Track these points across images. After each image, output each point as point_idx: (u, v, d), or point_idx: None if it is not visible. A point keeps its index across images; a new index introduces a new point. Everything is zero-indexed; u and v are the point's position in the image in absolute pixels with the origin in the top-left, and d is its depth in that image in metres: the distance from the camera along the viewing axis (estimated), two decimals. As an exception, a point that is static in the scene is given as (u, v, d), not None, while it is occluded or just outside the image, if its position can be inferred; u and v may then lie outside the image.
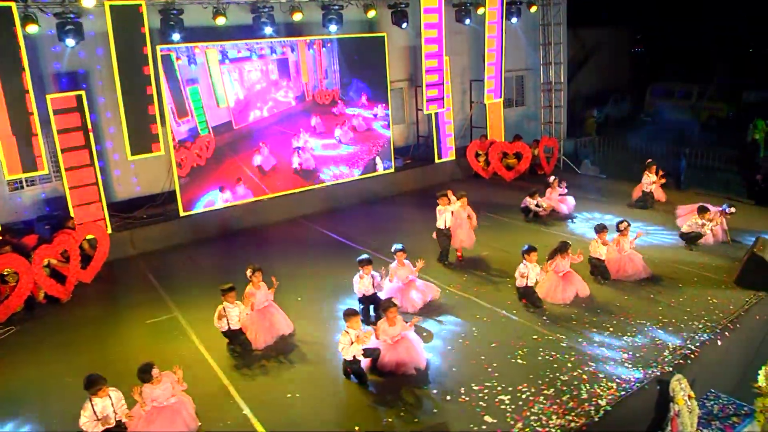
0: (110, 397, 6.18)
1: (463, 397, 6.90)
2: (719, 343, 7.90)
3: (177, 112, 12.48)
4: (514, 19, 16.61)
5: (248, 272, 8.24)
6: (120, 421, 6.31)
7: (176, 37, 11.85)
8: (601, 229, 9.83)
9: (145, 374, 6.38)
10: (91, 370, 6.45)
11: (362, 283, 8.65)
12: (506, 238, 11.91)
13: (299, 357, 8.03)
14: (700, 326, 8.19)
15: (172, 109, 12.39)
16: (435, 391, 7.07)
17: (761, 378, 7.29)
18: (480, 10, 15.74)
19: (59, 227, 10.74)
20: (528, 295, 9.07)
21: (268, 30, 13.10)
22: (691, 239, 10.86)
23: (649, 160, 13.60)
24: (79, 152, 11.33)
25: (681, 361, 7.41)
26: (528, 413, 6.53)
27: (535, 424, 6.33)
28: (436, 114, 16.10)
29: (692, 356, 7.51)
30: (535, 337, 8.16)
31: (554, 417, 6.45)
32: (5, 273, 9.45)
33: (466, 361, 7.66)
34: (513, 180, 15.99)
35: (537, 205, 12.58)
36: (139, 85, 11.27)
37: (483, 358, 7.69)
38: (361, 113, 15.38)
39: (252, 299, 8.15)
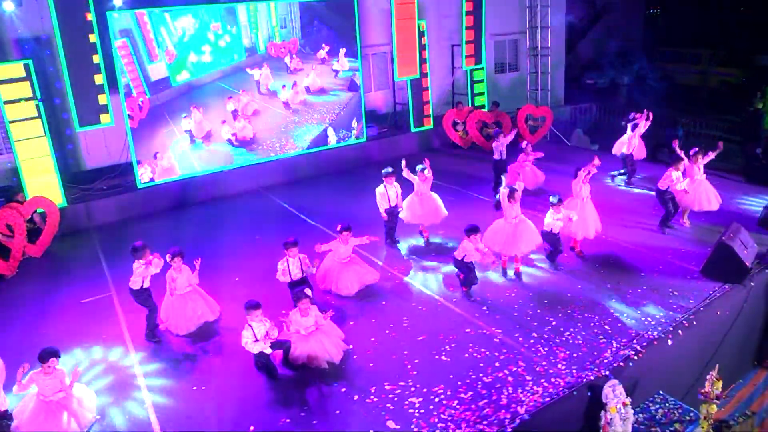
0: None
1: (372, 397, 6.26)
2: (670, 342, 7.07)
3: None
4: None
5: (167, 257, 7.61)
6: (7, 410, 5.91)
7: (117, 2, 10.98)
8: (557, 201, 8.75)
9: (41, 358, 5.92)
10: (14, 350, 6.39)
11: (292, 267, 7.94)
12: (471, 216, 11.03)
13: (216, 347, 7.46)
14: (653, 322, 7.35)
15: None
16: (344, 390, 6.44)
17: (707, 383, 6.53)
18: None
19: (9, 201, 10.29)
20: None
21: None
22: (664, 202, 9.74)
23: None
24: (29, 123, 10.71)
25: (621, 363, 6.62)
26: (436, 419, 5.87)
27: (438, 434, 5.68)
28: (413, 80, 15.06)
29: (635, 357, 6.71)
30: (468, 330, 7.41)
31: (464, 425, 5.78)
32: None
33: (387, 356, 6.98)
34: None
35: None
36: (83, 54, 10.52)
37: (406, 353, 7.00)
38: (320, 69, 14.31)
39: (172, 284, 7.56)
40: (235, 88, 13.27)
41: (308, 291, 6.95)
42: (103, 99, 10.84)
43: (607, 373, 6.42)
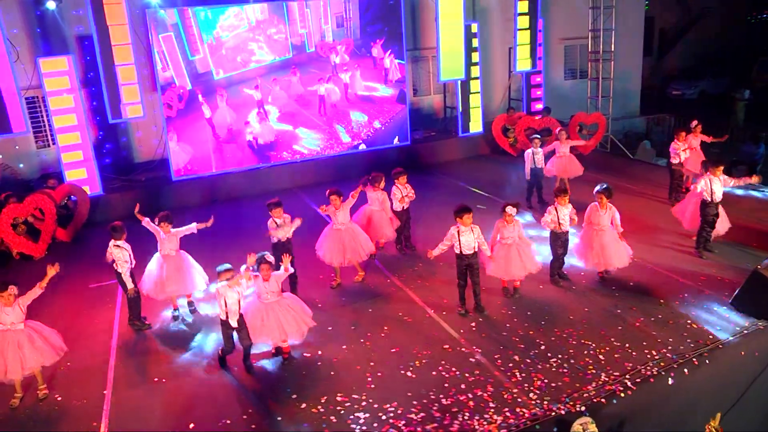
0: None
1: (320, 407, 5.91)
2: (671, 381, 6.17)
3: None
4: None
5: (156, 220, 7.78)
6: None
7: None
8: (561, 192, 7.98)
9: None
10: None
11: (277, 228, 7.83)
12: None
13: (188, 333, 7.45)
14: (657, 357, 6.46)
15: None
16: (294, 396, 6.13)
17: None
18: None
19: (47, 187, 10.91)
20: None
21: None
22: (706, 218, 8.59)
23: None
24: (69, 114, 11.32)
25: (602, 400, 5.84)
26: (375, 439, 5.44)
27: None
28: (463, 84, 14.51)
29: (622, 395, 5.90)
30: (446, 346, 6.86)
31: (403, 449, 5.31)
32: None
33: (352, 366, 6.59)
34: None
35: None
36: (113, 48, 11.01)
37: (372, 364, 6.58)
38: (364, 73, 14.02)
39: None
40: (273, 85, 13.35)
41: (286, 260, 6.74)
42: (131, 93, 11.24)
43: (583, 408, 5.68)
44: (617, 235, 7.96)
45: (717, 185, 8.45)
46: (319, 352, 6.91)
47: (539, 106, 15.78)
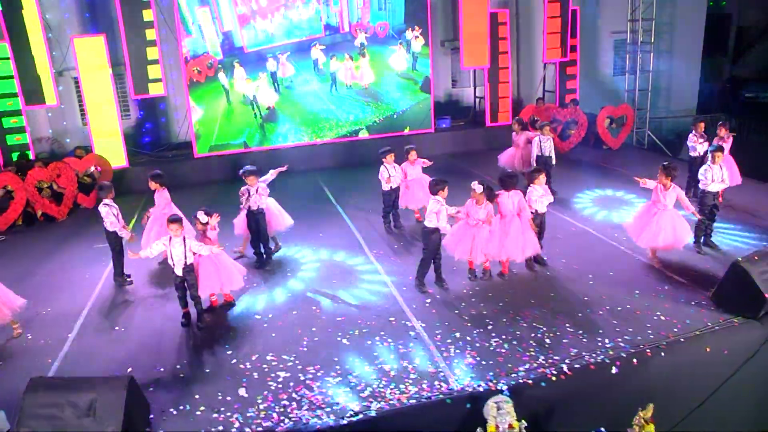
0: None
1: (247, 364, 6.02)
2: (614, 370, 5.76)
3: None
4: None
5: None
6: None
7: None
8: (537, 172, 7.72)
9: None
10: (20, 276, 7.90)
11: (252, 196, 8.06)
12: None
13: (163, 292, 7.74)
14: (609, 345, 6.05)
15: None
16: (229, 352, 6.27)
17: (635, 425, 5.22)
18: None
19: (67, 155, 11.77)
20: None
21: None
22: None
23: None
24: (100, 90, 12.08)
25: (530, 381, 5.54)
26: (285, 396, 5.41)
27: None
28: (492, 73, 14.18)
29: (554, 378, 5.58)
30: (392, 319, 6.77)
31: (305, 407, 5.25)
32: (8, 189, 10.59)
33: (294, 329, 6.64)
34: (568, 152, 13.46)
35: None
36: (140, 29, 11.62)
37: (314, 329, 6.63)
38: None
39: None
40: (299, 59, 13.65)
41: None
42: (154, 71, 11.84)
43: (504, 388, 5.42)
44: (677, 215, 7.60)
45: (717, 172, 7.83)
46: (270, 315, 7.03)
47: (576, 96, 15.11)
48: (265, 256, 8.40)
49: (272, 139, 13.82)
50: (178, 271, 6.75)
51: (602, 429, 5.62)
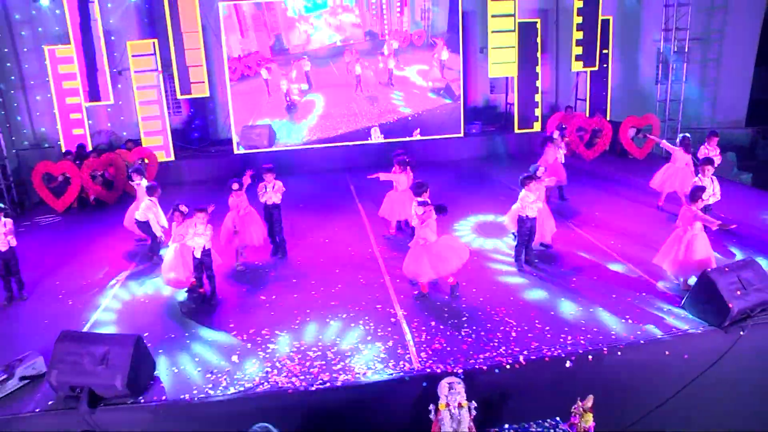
0: None
1: (243, 336, 7.04)
2: (569, 364, 6.38)
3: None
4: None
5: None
6: None
7: None
8: (529, 179, 8.29)
9: None
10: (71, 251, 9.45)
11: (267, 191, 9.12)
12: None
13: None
14: (570, 341, 6.66)
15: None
16: (231, 325, 7.33)
17: (575, 413, 5.84)
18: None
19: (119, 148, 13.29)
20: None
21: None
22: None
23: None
24: (150, 90, 13.52)
25: (484, 367, 6.25)
26: (269, 364, 6.39)
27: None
28: (521, 80, 14.78)
29: (508, 366, 6.27)
30: (378, 306, 7.63)
31: (284, 374, 6.20)
32: (66, 176, 12.14)
33: (291, 310, 7.65)
34: (593, 161, 13.83)
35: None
36: (186, 35, 13.01)
37: (308, 311, 7.60)
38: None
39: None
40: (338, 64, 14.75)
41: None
42: (197, 74, 13.16)
43: (460, 371, 6.16)
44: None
45: (708, 185, 8.24)
46: (273, 297, 8.04)
47: (605, 107, 15.43)
48: (278, 244, 9.39)
49: (300, 133, 14.93)
50: (197, 254, 7.84)
51: (558, 418, 6.31)
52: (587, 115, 14.85)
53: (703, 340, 6.77)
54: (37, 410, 5.86)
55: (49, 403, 5.92)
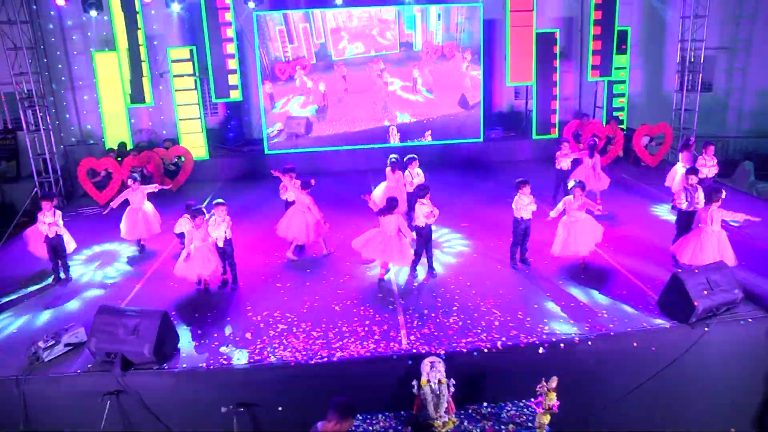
0: None
1: (258, 317, 8.11)
2: (541, 350, 7.21)
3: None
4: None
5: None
6: None
7: (252, 4, 14.47)
8: (523, 183, 9.07)
9: None
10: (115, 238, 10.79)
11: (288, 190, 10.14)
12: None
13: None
14: (545, 331, 7.50)
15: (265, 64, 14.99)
16: (248, 307, 8.41)
17: (541, 392, 6.65)
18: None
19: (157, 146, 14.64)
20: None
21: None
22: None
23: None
24: (188, 93, 14.82)
25: (464, 350, 7.15)
26: (278, 341, 7.43)
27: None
28: (539, 87, 15.56)
29: (485, 350, 7.14)
30: (380, 295, 8.63)
31: (288, 350, 7.23)
32: (108, 171, 13.50)
33: (303, 296, 8.68)
34: (605, 166, 14.41)
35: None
36: (222, 43, 14.23)
37: (317, 297, 8.61)
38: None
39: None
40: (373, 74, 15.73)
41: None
42: (233, 79, 14.37)
43: (442, 352, 7.06)
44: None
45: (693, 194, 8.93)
46: (288, 284, 9.10)
47: (623, 116, 16.04)
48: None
49: (328, 129, 16.00)
50: (220, 244, 8.94)
51: (532, 399, 7.14)
52: (604, 122, 15.47)
53: (670, 335, 7.52)
54: (79, 371, 7.04)
55: (89, 366, 7.08)
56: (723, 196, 8.51)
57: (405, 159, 11.09)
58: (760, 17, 17.79)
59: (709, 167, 10.71)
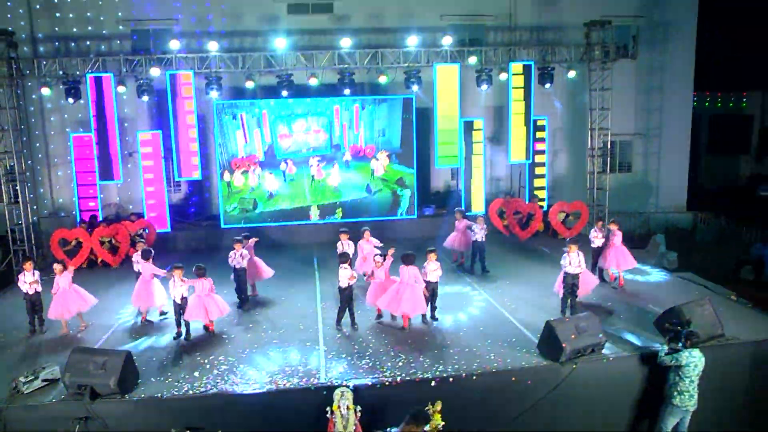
0: None
1: (205, 360, 10.08)
2: (433, 383, 9.29)
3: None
4: (547, 85, 17.78)
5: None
6: None
7: (214, 94, 17.09)
8: (431, 252, 11.51)
9: None
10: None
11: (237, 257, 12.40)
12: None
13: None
14: (441, 369, 9.63)
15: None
16: (198, 353, 10.37)
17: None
18: (502, 76, 17.53)
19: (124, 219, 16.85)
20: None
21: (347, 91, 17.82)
22: None
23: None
24: (154, 172, 17.20)
25: (369, 383, 9.22)
26: (265, 372, 9.45)
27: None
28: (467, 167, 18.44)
29: (387, 383, 9.21)
30: (308, 344, 10.70)
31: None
32: (79, 240, 15.56)
33: (240, 342, 10.72)
34: (526, 240, 17.04)
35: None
36: (186, 128, 16.83)
37: (246, 345, 10.64)
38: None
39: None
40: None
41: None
42: (194, 160, 16.90)
43: (351, 385, 9.10)
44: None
45: (574, 259, 11.43)
46: (232, 335, 11.15)
47: (543, 194, 18.88)
48: (242, 300, 12.59)
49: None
50: (178, 301, 11.02)
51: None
52: (526, 200, 18.19)
53: (543, 372, 9.69)
54: (54, 400, 8.91)
55: (62, 396, 8.97)
56: None
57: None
58: (664, 109, 21.19)
59: (598, 238, 13.30)
